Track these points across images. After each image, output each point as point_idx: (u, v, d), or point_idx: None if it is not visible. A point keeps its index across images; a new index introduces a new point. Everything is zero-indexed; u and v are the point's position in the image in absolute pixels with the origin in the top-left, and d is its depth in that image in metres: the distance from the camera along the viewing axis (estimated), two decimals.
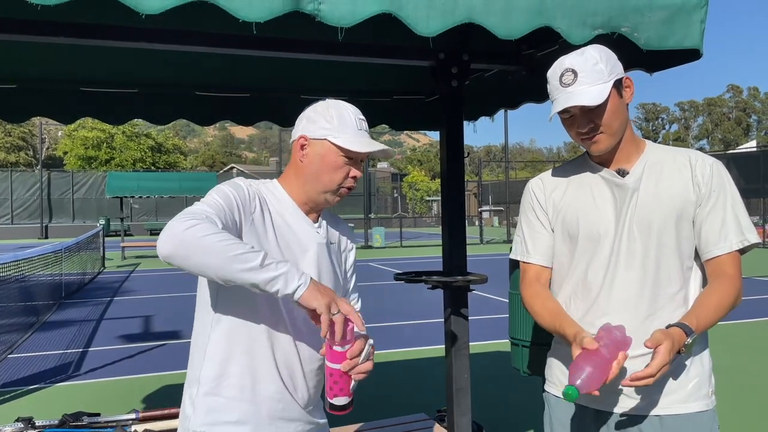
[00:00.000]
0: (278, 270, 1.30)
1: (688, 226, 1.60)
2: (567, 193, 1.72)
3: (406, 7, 1.62)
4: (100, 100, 3.22)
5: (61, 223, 32.87)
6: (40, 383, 5.55)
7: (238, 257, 1.27)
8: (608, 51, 1.61)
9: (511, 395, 4.91)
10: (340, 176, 1.57)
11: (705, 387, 1.61)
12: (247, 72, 3.20)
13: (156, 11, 1.44)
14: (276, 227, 1.55)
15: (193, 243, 1.27)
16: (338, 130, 1.55)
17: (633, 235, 1.60)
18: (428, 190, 45.54)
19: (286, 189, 1.62)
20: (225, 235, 1.30)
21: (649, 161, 1.65)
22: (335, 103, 1.59)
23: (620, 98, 1.59)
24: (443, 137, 2.84)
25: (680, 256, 1.60)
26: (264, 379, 1.53)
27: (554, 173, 1.80)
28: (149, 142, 44.57)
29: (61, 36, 2.07)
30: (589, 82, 1.54)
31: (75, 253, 12.53)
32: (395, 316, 8.65)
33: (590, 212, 1.66)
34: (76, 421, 3.24)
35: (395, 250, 21.20)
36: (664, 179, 1.62)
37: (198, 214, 1.34)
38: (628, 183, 1.63)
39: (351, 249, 1.79)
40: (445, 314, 2.89)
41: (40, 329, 8.10)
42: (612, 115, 1.57)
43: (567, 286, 1.71)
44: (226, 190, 1.49)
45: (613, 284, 1.61)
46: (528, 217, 1.79)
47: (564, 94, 1.57)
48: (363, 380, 1.46)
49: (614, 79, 1.56)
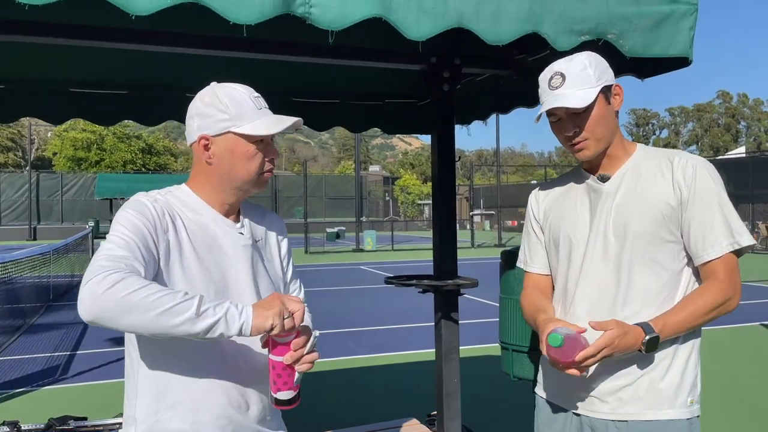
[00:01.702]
0: (216, 315, 1.22)
1: (670, 230, 1.56)
2: (556, 202, 1.76)
3: (396, 11, 1.63)
4: (89, 101, 3.20)
5: (49, 225, 32.60)
6: (26, 386, 5.49)
7: (169, 311, 1.18)
8: (598, 58, 1.61)
9: (501, 399, 4.91)
10: (257, 164, 1.45)
11: (683, 394, 1.57)
12: (239, 74, 3.18)
13: (146, 12, 1.43)
14: (195, 242, 1.42)
15: (117, 305, 1.16)
16: (238, 118, 1.41)
17: (608, 239, 1.59)
18: (420, 193, 45.62)
19: (199, 194, 1.49)
20: (150, 288, 1.19)
21: (631, 165, 1.64)
22: (223, 88, 1.44)
23: (608, 105, 1.59)
24: (435, 141, 2.85)
25: (661, 260, 1.56)
26: (206, 405, 1.41)
27: (550, 183, 1.84)
28: (140, 144, 44.39)
29: (50, 36, 2.05)
30: (576, 86, 1.55)
31: (63, 255, 12.42)
32: (386, 319, 8.63)
33: (570, 220, 1.69)
34: (62, 425, 3.20)
35: (386, 254, 21.19)
36: (643, 182, 1.60)
37: (114, 265, 1.22)
38: (604, 188, 1.64)
39: (282, 237, 1.66)
40: (436, 318, 2.89)
41: (27, 332, 8.02)
42: (598, 121, 1.58)
43: (555, 293, 1.75)
44: (133, 220, 1.34)
45: (583, 285, 1.62)
46: (527, 228, 1.86)
47: (551, 97, 1.59)
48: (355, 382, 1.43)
49: (602, 85, 1.57)
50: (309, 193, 26.82)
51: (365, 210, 39.03)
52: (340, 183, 43.99)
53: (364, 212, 36.99)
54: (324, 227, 30.21)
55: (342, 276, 14.36)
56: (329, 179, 44.99)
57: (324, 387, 5.26)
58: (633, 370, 1.57)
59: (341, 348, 6.87)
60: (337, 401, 4.92)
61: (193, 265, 1.40)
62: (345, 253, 21.77)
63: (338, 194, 42.01)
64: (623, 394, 1.57)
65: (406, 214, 45.42)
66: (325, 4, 1.56)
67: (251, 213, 1.60)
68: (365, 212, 38.33)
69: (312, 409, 4.60)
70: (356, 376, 5.72)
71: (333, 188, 42.82)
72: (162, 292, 1.20)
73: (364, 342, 7.20)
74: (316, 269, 15.78)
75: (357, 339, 7.37)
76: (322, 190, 41.70)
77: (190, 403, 1.40)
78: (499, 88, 3.15)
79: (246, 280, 1.48)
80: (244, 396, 1.46)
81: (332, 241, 27.53)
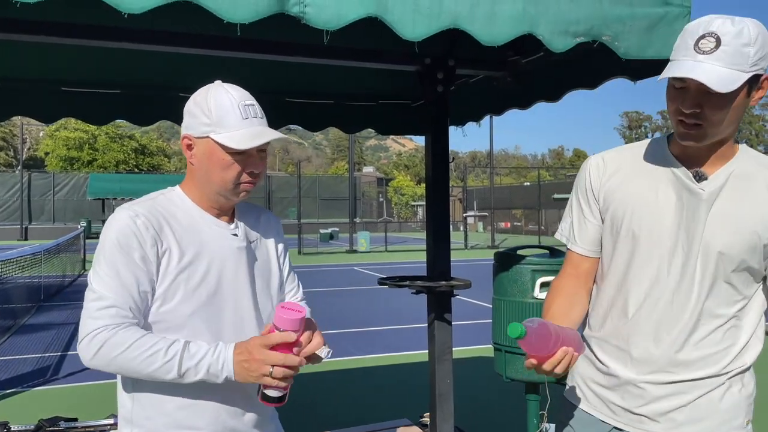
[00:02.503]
0: (198, 374, 1.30)
1: (759, 259, 1.40)
2: (627, 180, 1.49)
3: (392, 11, 1.62)
4: (82, 100, 3.18)
5: (41, 225, 32.40)
6: (16, 387, 5.45)
7: (155, 372, 1.29)
8: (767, 36, 1.31)
9: (494, 401, 4.92)
10: (233, 175, 1.41)
11: (741, 416, 1.45)
12: (233, 73, 3.17)
13: (139, 11, 1.42)
14: (184, 248, 1.40)
15: (108, 366, 1.31)
16: (218, 125, 1.38)
17: (693, 254, 1.40)
18: (413, 194, 45.66)
19: (190, 195, 1.48)
20: (135, 349, 1.28)
21: (735, 172, 1.40)
22: (215, 90, 1.41)
23: (747, 97, 1.33)
24: (428, 142, 2.85)
25: (738, 285, 1.41)
26: (201, 410, 1.41)
27: (620, 153, 1.56)
28: (133, 144, 44.19)
29: (42, 35, 2.04)
30: (727, 62, 1.27)
31: (55, 255, 12.34)
32: (379, 320, 8.63)
33: (645, 210, 1.44)
34: (52, 426, 3.18)
35: (380, 255, 21.19)
36: (749, 200, 1.38)
37: (101, 323, 1.30)
38: (702, 192, 1.39)
39: (278, 237, 1.64)
40: (429, 319, 2.89)
41: (17, 332, 7.96)
42: (726, 111, 1.31)
43: (605, 290, 1.55)
44: (115, 251, 1.35)
45: (656, 303, 1.44)
46: (579, 200, 1.59)
47: (692, 62, 1.29)
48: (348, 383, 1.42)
49: (755, 72, 1.29)
50: (302, 193, 26.80)
51: (359, 211, 39.02)
52: (333, 184, 43.96)
53: (358, 213, 36.98)
54: (317, 228, 30.17)
55: (335, 277, 14.34)
56: (323, 180, 44.95)
57: (316, 387, 5.25)
58: (690, 388, 1.43)
59: (334, 349, 6.85)
60: (329, 402, 4.91)
61: (182, 272, 1.39)
62: (338, 254, 21.74)
63: (332, 195, 41.97)
64: (678, 415, 1.43)
65: (399, 215, 45.45)
66: (320, 3, 1.56)
67: (246, 213, 1.58)
68: (359, 213, 38.33)
69: (304, 409, 4.59)
70: (349, 377, 5.70)
71: (327, 189, 42.78)
72: (147, 353, 1.29)
73: (357, 343, 7.19)
74: (310, 270, 15.75)
75: (350, 340, 7.36)
76: (316, 191, 41.66)
77: (185, 408, 1.41)
78: (492, 90, 3.15)
79: (241, 284, 1.47)
80: (240, 401, 1.45)
81: (326, 242, 27.50)
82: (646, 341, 1.45)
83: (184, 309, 1.39)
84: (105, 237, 1.38)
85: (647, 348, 1.45)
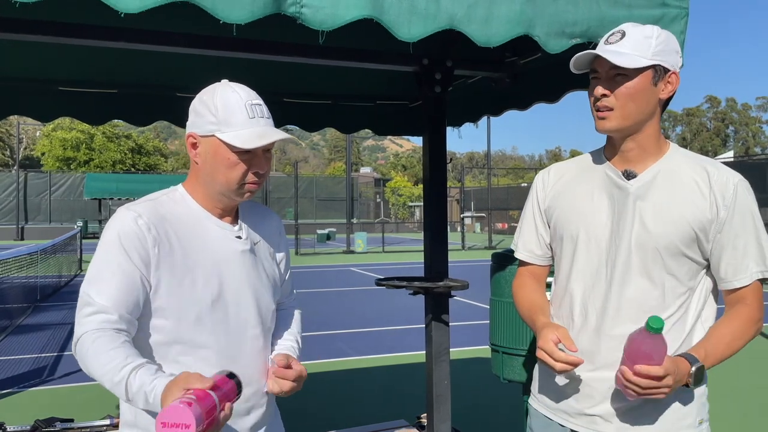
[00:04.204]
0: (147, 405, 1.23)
1: (696, 249, 1.43)
2: (568, 188, 1.58)
3: (388, 12, 1.62)
4: (78, 100, 3.17)
5: (37, 225, 32.31)
6: (12, 387, 5.43)
7: (112, 388, 1.27)
8: (673, 40, 1.45)
9: (491, 402, 4.92)
10: (238, 174, 1.40)
11: (691, 415, 1.46)
12: (230, 74, 3.16)
13: (135, 10, 1.42)
14: (186, 251, 1.39)
15: (88, 372, 1.31)
16: (224, 123, 1.37)
17: (629, 249, 1.44)
18: (411, 195, 45.67)
19: (193, 195, 1.46)
20: (101, 360, 1.26)
21: (664, 168, 1.47)
22: (222, 89, 1.41)
23: (653, 86, 1.42)
24: (426, 143, 2.85)
25: (680, 278, 1.44)
26: None
27: (567, 163, 1.65)
28: (129, 144, 44.15)
29: (39, 34, 2.03)
30: (631, 49, 1.39)
31: (51, 255, 12.31)
32: (376, 321, 8.62)
33: (582, 214, 1.52)
34: (48, 427, 3.17)
35: (377, 255, 21.18)
36: (677, 194, 1.43)
37: (87, 328, 1.30)
38: (630, 188, 1.46)
39: (280, 238, 1.64)
40: (426, 320, 2.88)
41: (13, 332, 7.93)
42: (632, 95, 1.41)
43: (555, 288, 1.63)
44: (116, 259, 1.33)
45: (596, 300, 1.48)
46: (527, 209, 1.69)
47: (600, 49, 1.43)
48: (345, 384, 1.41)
49: (658, 62, 1.40)
50: (300, 194, 26.80)
51: (356, 212, 39.00)
52: (331, 184, 43.95)
53: (355, 214, 36.96)
54: (315, 229, 30.15)
55: (332, 278, 14.33)
56: (320, 180, 44.94)
57: (313, 389, 5.24)
58: None
59: (331, 350, 6.85)
60: (326, 403, 4.90)
61: (183, 276, 1.38)
62: (335, 254, 21.73)
63: (329, 196, 41.97)
64: (628, 415, 1.46)
65: (397, 215, 45.45)
66: (317, 4, 1.55)
67: (250, 214, 1.57)
68: (356, 214, 38.30)
69: (300, 410, 4.58)
70: (346, 378, 5.70)
71: (324, 190, 42.78)
72: (106, 367, 1.25)
73: (354, 344, 7.19)
74: (307, 271, 15.74)
75: (347, 341, 7.35)
76: (313, 192, 41.64)
77: None
78: (490, 91, 3.15)
79: (243, 287, 1.46)
80: (242, 403, 1.43)
81: (323, 242, 27.48)
82: (591, 338, 1.49)
83: (187, 313, 1.38)
84: (106, 236, 1.37)
85: (592, 344, 1.48)
